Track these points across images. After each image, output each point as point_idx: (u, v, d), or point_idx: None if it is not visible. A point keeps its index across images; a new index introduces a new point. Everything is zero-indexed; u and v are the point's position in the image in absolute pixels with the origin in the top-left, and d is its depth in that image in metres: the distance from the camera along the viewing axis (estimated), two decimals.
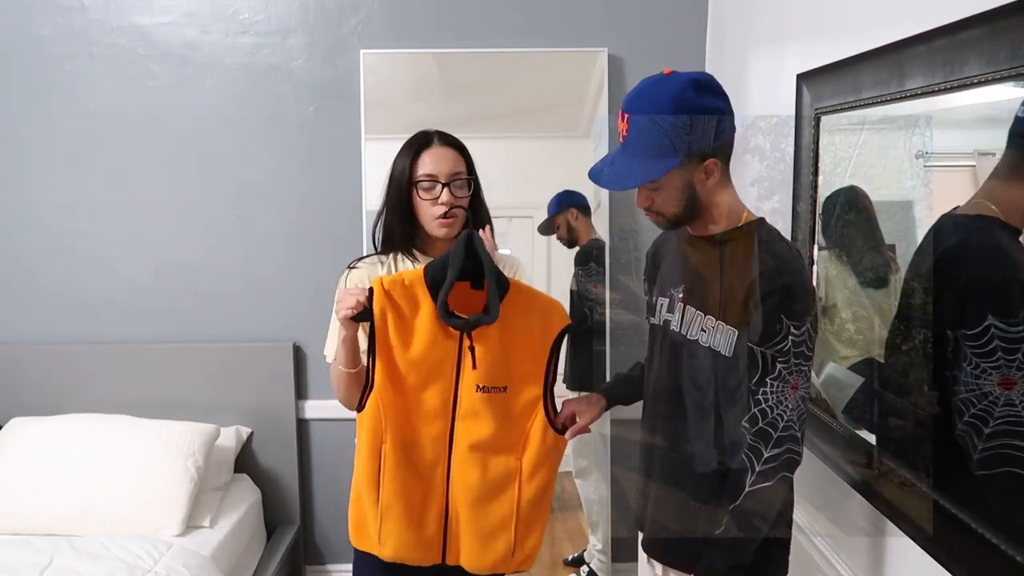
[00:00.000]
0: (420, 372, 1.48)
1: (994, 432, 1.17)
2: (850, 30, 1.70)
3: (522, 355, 1.50)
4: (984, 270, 1.21)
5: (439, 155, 1.66)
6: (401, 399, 1.48)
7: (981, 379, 1.18)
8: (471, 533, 1.52)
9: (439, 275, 1.45)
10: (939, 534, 1.33)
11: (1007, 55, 1.11)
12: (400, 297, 1.46)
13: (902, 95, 1.41)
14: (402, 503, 1.49)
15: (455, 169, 1.67)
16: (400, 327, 1.46)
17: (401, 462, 1.49)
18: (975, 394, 1.20)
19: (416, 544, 1.52)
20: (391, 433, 1.48)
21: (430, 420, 1.49)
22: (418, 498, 1.51)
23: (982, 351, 1.17)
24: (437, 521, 1.52)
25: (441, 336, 1.46)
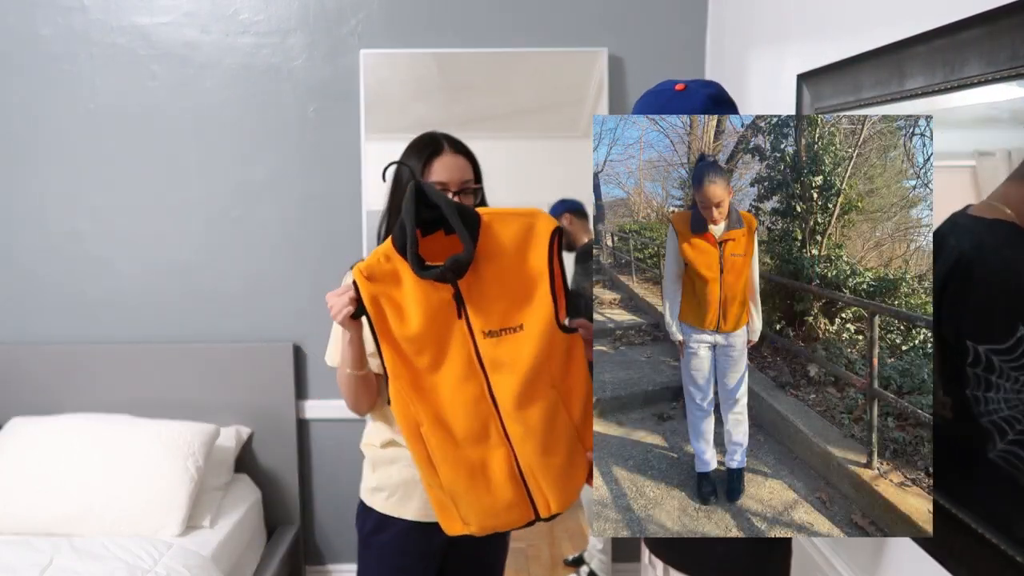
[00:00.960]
0: (430, 341, 1.40)
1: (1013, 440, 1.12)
2: (850, 30, 1.70)
3: (523, 284, 1.40)
4: (1007, 279, 1.14)
5: (451, 164, 1.64)
6: (424, 376, 1.42)
7: (1022, 393, 1.11)
8: (551, 480, 1.43)
9: (403, 238, 1.37)
10: (939, 534, 1.33)
11: (1007, 55, 1.11)
12: (381, 276, 1.39)
13: (902, 95, 1.41)
14: (464, 478, 1.42)
15: (465, 177, 1.65)
16: (393, 305, 1.39)
17: (446, 439, 1.41)
18: (1020, 410, 1.11)
19: (501, 509, 1.44)
20: (424, 413, 1.41)
21: (462, 384, 1.41)
22: (480, 466, 1.43)
23: (1019, 363, 1.10)
24: (513, 480, 1.44)
25: (435, 298, 1.39)
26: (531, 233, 1.40)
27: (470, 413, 1.42)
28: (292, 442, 2.84)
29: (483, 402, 1.41)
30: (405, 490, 1.69)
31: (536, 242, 1.39)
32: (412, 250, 1.34)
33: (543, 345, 1.39)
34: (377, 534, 1.72)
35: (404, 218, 1.36)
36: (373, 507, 1.72)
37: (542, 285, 1.39)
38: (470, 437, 1.42)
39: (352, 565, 2.95)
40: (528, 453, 1.42)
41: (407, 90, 2.74)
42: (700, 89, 1.34)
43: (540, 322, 1.39)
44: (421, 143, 1.68)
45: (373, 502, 1.73)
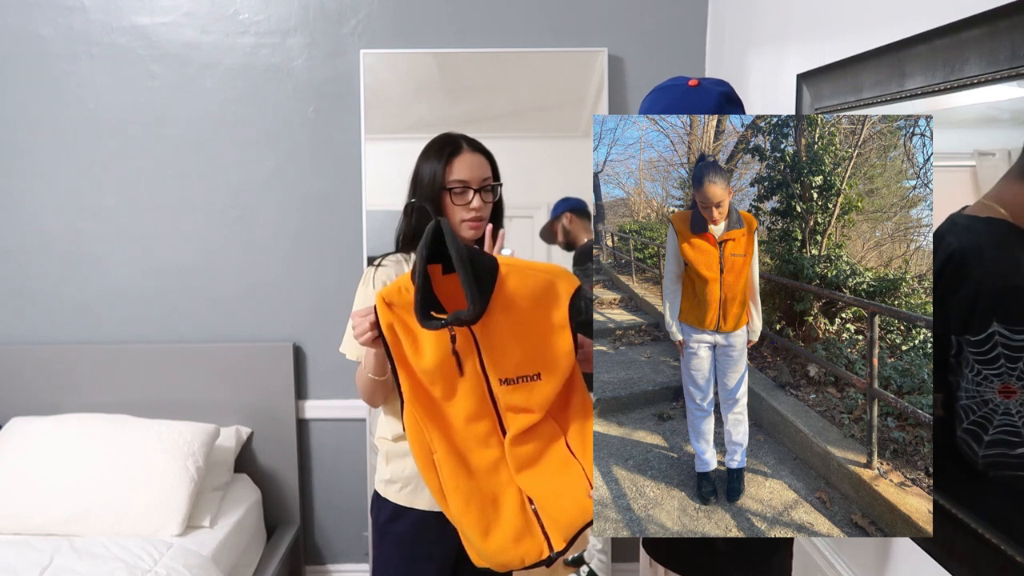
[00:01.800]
0: (440, 377, 1.40)
1: (993, 440, 1.16)
2: (850, 30, 1.70)
3: (542, 335, 1.39)
4: (993, 276, 1.19)
5: (471, 162, 1.68)
6: (437, 406, 1.42)
7: (982, 386, 1.17)
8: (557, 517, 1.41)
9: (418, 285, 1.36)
10: (939, 534, 1.33)
11: (1007, 55, 1.11)
12: (401, 305, 1.38)
13: (902, 95, 1.41)
14: (474, 510, 1.41)
15: (484, 175, 1.69)
16: (409, 335, 1.39)
17: (458, 469, 1.41)
18: (976, 401, 1.19)
19: (504, 548, 1.42)
20: (438, 442, 1.41)
21: (473, 422, 1.42)
22: (489, 500, 1.42)
23: (985, 358, 1.16)
24: (523, 515, 1.42)
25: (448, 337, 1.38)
26: (552, 290, 1.39)
27: (482, 448, 1.42)
28: (292, 442, 2.84)
29: (494, 437, 1.42)
30: (418, 482, 1.70)
31: (558, 301, 1.38)
32: (418, 297, 1.33)
33: (560, 395, 1.41)
34: (393, 523, 1.74)
35: (416, 260, 1.35)
36: (387, 498, 1.74)
37: (563, 336, 1.39)
38: (482, 470, 1.42)
39: (352, 565, 2.96)
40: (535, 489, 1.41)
41: (407, 90, 2.74)
42: (714, 87, 1.35)
43: (559, 371, 1.39)
44: (440, 143, 1.70)
45: (387, 493, 1.74)
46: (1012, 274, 1.15)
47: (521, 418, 1.41)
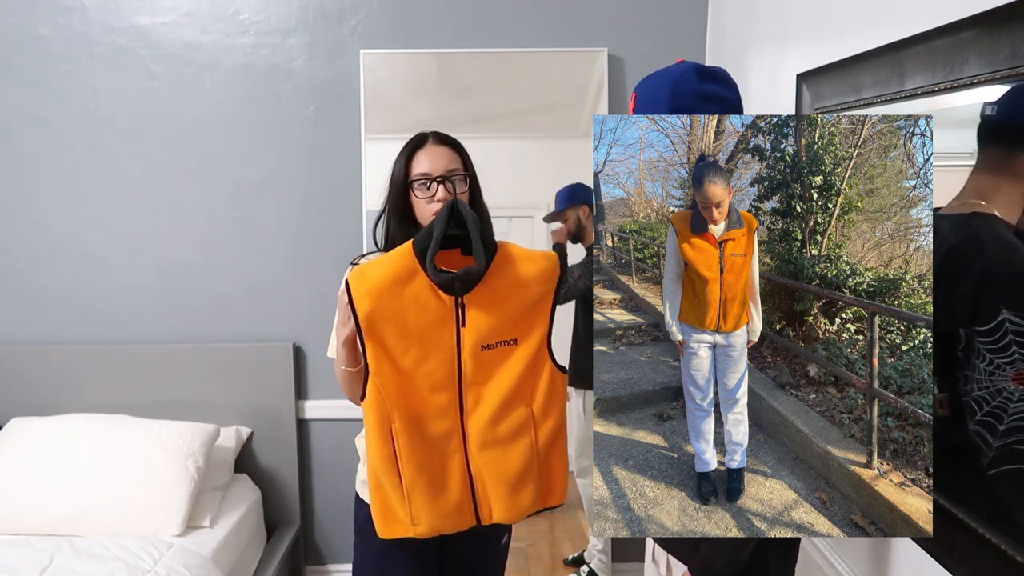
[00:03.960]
0: (419, 344, 1.48)
1: (1009, 429, 1.15)
2: (850, 30, 1.70)
3: (523, 305, 1.50)
4: (996, 264, 1.20)
5: (433, 153, 1.68)
6: (403, 377, 1.49)
7: (995, 375, 1.17)
8: (499, 489, 1.53)
9: (426, 243, 1.45)
10: (939, 534, 1.33)
11: (1007, 55, 1.11)
12: (388, 275, 1.46)
13: (902, 95, 1.41)
14: (425, 476, 1.50)
15: (450, 166, 1.68)
16: (390, 304, 1.46)
17: (415, 438, 1.49)
18: (989, 391, 1.18)
19: (448, 512, 1.53)
20: (398, 411, 1.48)
21: (437, 391, 1.50)
22: (439, 468, 1.52)
23: (996, 346, 1.15)
24: (463, 486, 1.53)
25: (436, 305, 1.46)
26: (540, 267, 1.51)
27: (439, 419, 1.51)
28: (292, 442, 2.84)
29: (452, 410, 1.51)
30: None
31: (545, 276, 1.51)
32: (432, 253, 1.43)
33: (531, 361, 1.51)
34: (370, 522, 1.73)
35: (435, 224, 1.45)
36: (365, 499, 1.74)
37: (543, 306, 1.51)
38: (436, 440, 1.51)
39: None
40: (484, 461, 1.52)
41: (407, 90, 2.74)
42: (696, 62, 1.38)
43: (534, 340, 1.51)
44: (408, 141, 1.73)
45: (365, 494, 1.74)
46: (1015, 261, 1.16)
47: (494, 389, 1.50)
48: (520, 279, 1.49)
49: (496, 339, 1.49)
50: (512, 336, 1.50)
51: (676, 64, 1.39)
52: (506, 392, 1.50)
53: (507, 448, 1.51)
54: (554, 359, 1.54)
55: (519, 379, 1.50)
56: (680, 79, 1.35)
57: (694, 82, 1.34)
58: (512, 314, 1.49)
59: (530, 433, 1.52)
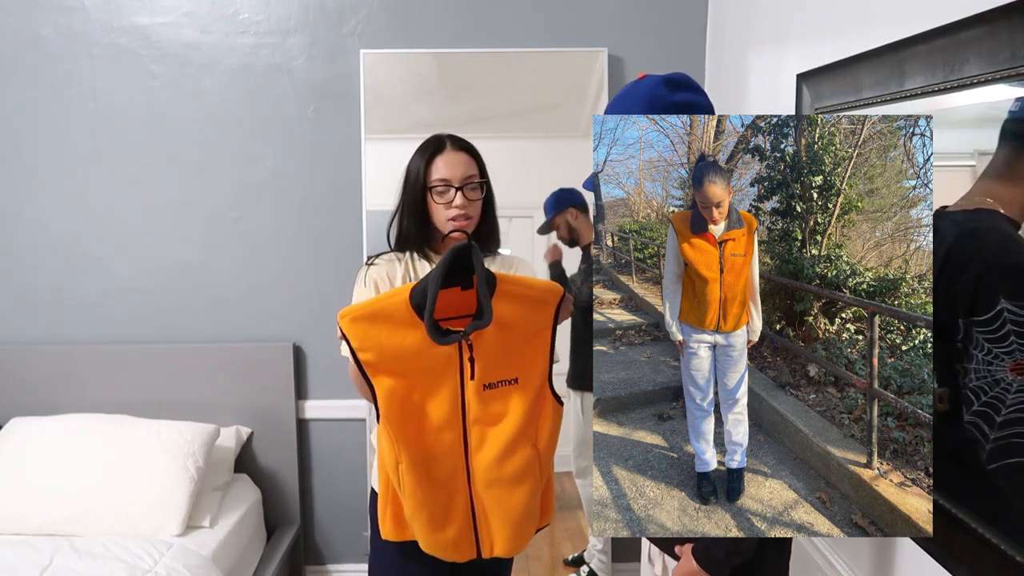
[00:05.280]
0: (423, 383, 1.48)
1: (1006, 420, 1.15)
2: (850, 30, 1.70)
3: (525, 344, 1.50)
4: (996, 256, 1.20)
5: (452, 160, 1.69)
6: (411, 416, 1.49)
7: (993, 365, 1.16)
8: (504, 526, 1.55)
9: (422, 299, 1.41)
10: (939, 534, 1.33)
11: (1007, 55, 1.11)
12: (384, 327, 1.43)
13: (902, 95, 1.41)
14: (424, 516, 1.53)
15: (468, 173, 1.69)
16: (392, 352, 1.44)
17: (420, 479, 1.51)
18: (987, 381, 1.18)
19: (446, 545, 1.56)
20: (404, 453, 1.49)
21: (441, 431, 1.50)
22: (441, 507, 1.54)
23: (994, 336, 1.15)
24: (465, 522, 1.55)
25: (436, 352, 1.45)
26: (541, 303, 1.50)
27: (444, 459, 1.52)
28: (292, 442, 2.84)
29: (456, 451, 1.52)
30: None
31: (544, 313, 1.50)
32: (429, 313, 1.40)
33: (534, 399, 1.51)
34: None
35: (430, 281, 1.41)
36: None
37: (542, 340, 1.51)
38: (441, 479, 1.53)
39: (352, 565, 2.96)
40: (490, 500, 1.53)
41: (407, 90, 2.74)
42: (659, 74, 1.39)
43: (536, 377, 1.52)
44: (425, 143, 1.73)
45: None
46: (1014, 252, 1.15)
47: (501, 430, 1.50)
48: (519, 315, 1.48)
49: (497, 378, 1.49)
50: (513, 376, 1.50)
51: (641, 80, 1.40)
52: (512, 433, 1.50)
53: (513, 489, 1.52)
54: (553, 391, 1.55)
55: (524, 419, 1.50)
56: (653, 94, 1.35)
57: (667, 95, 1.36)
58: (512, 351, 1.49)
59: (535, 472, 1.53)
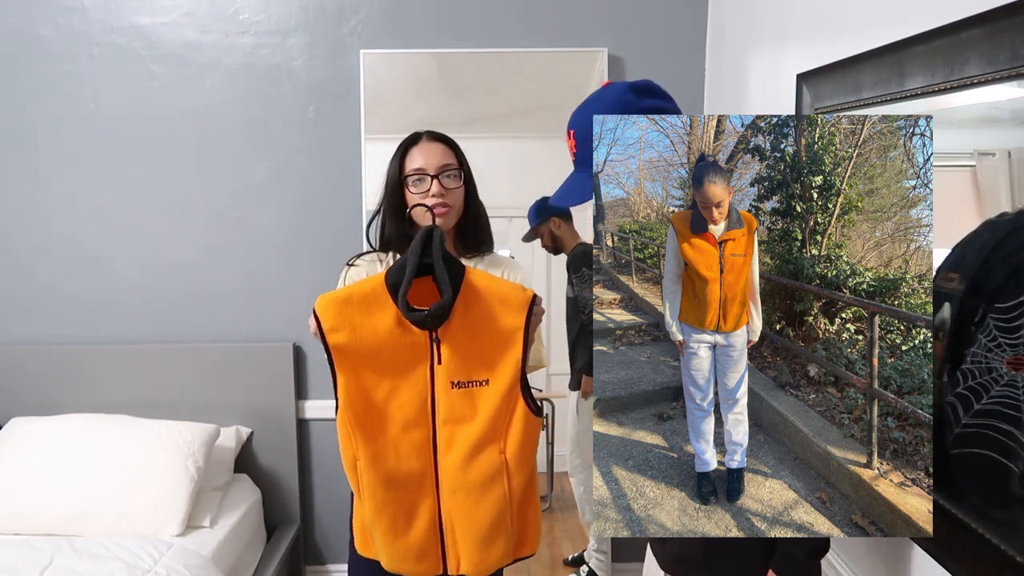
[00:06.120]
0: (392, 377, 1.44)
1: (982, 410, 1.15)
2: (850, 30, 1.70)
3: (494, 344, 1.44)
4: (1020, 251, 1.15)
5: (427, 149, 1.69)
6: (375, 412, 1.44)
7: (993, 353, 1.15)
8: (469, 538, 1.48)
9: (399, 277, 1.40)
10: (939, 534, 1.33)
11: (1007, 55, 1.11)
12: (358, 307, 1.41)
13: (902, 95, 1.41)
14: (385, 520, 1.46)
15: (444, 161, 1.69)
16: (363, 336, 1.41)
17: (378, 478, 1.45)
18: (980, 367, 1.17)
19: (408, 556, 1.48)
20: (363, 450, 1.44)
21: (409, 428, 1.45)
22: (404, 511, 1.47)
23: (1007, 325, 1.13)
24: (431, 531, 1.48)
25: (409, 339, 1.42)
26: (509, 302, 1.45)
27: (411, 458, 1.46)
28: (292, 442, 2.84)
29: (424, 451, 1.46)
30: None
31: (514, 312, 1.43)
32: (404, 290, 1.38)
33: (504, 402, 1.44)
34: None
35: (408, 259, 1.40)
36: None
37: (515, 342, 1.44)
38: (405, 482, 1.46)
39: None
40: (456, 507, 1.46)
41: (407, 90, 2.74)
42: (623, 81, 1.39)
43: (506, 378, 1.44)
44: (402, 140, 1.74)
45: None
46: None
47: (467, 431, 1.44)
48: (489, 312, 1.43)
49: (467, 377, 1.44)
50: (484, 377, 1.45)
51: (606, 88, 1.39)
52: (479, 434, 1.45)
53: (479, 497, 1.46)
54: (528, 398, 1.48)
55: (491, 421, 1.45)
56: (620, 101, 1.34)
57: (633, 101, 1.35)
58: (483, 350, 1.44)
59: (503, 482, 1.46)
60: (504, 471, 1.47)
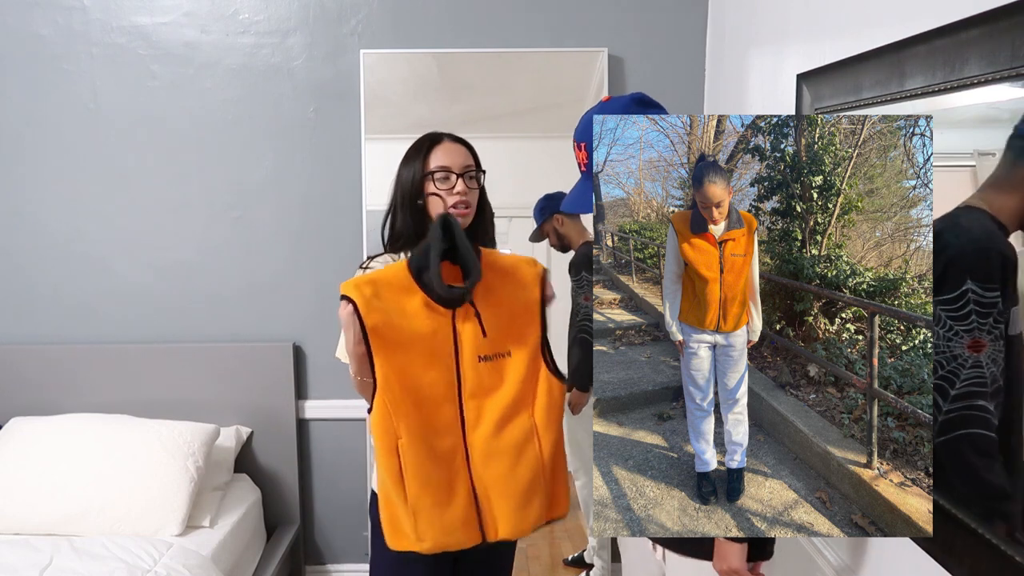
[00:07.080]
0: (421, 356, 1.48)
1: (959, 395, 1.20)
2: (850, 30, 1.70)
3: (513, 316, 1.52)
4: (970, 243, 1.23)
5: (451, 149, 1.72)
6: (409, 391, 1.49)
7: (952, 341, 1.21)
8: (507, 502, 1.52)
9: (423, 262, 1.46)
10: (939, 534, 1.33)
11: (1007, 55, 1.11)
12: (385, 290, 1.47)
13: (902, 95, 1.41)
14: (430, 494, 1.50)
15: (467, 162, 1.73)
16: (395, 318, 1.46)
17: (421, 454, 1.49)
18: (945, 356, 1.23)
19: (453, 528, 1.52)
20: (404, 428, 1.48)
21: (439, 405, 1.50)
22: (445, 484, 1.51)
23: (957, 314, 1.20)
24: (467, 502, 1.52)
25: (434, 319, 1.48)
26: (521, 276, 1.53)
27: (444, 435, 1.51)
28: (292, 442, 2.84)
29: (454, 427, 1.51)
30: None
31: (527, 285, 1.53)
32: (437, 270, 1.45)
33: (527, 370, 1.52)
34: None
35: (431, 245, 1.45)
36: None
37: (532, 313, 1.52)
38: (442, 456, 1.51)
39: (352, 565, 2.96)
40: (491, 474, 1.51)
41: (407, 90, 2.74)
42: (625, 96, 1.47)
43: (529, 347, 1.52)
44: (419, 141, 1.75)
45: None
46: (987, 240, 1.18)
47: (494, 401, 1.51)
48: (506, 286, 1.51)
49: (493, 351, 1.50)
50: (506, 349, 1.51)
51: (607, 102, 1.45)
52: (507, 403, 1.50)
53: (514, 461, 1.51)
54: (552, 365, 1.54)
55: (519, 390, 1.51)
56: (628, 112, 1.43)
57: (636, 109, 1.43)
58: (503, 322, 1.50)
59: (535, 443, 1.52)
60: (535, 434, 1.52)
